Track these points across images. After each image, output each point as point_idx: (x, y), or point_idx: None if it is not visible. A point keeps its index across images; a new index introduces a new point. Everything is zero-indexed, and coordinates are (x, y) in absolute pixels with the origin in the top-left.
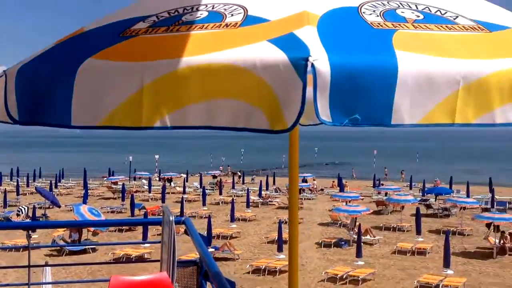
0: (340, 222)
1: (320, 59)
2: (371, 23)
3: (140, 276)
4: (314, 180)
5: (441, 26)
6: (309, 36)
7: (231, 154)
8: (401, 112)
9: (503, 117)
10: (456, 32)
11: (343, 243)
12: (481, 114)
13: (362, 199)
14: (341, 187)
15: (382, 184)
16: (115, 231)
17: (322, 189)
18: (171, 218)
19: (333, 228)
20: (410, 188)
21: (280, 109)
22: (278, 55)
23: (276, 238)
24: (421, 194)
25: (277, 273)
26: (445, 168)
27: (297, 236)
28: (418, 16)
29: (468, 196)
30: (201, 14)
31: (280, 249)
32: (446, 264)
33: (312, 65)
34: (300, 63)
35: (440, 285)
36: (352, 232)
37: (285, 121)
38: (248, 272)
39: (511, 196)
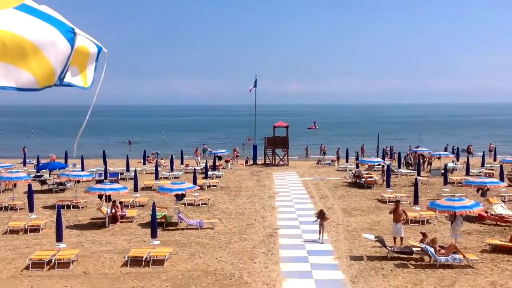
0: None
1: None
2: None
3: None
4: None
5: None
6: None
7: None
8: None
9: None
10: None
11: None
12: None
13: None
14: None
15: None
16: None
17: None
18: None
19: None
20: (24, 165)
21: None
22: None
23: None
24: (35, 170)
25: None
26: (61, 143)
27: None
28: None
29: (83, 169)
30: None
31: None
32: (59, 238)
33: None
34: None
35: (53, 260)
36: None
37: None
38: None
39: (123, 168)
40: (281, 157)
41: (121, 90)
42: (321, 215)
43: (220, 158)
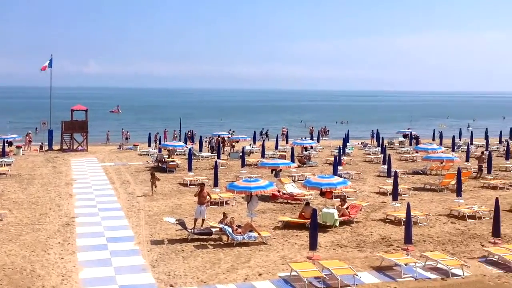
0: None
1: None
2: None
3: None
4: None
5: None
6: None
7: None
8: None
9: None
10: None
11: None
12: None
13: None
14: None
15: None
16: None
17: None
18: None
19: None
20: None
21: None
22: None
23: None
24: None
25: None
26: None
27: None
28: None
29: None
30: None
31: None
32: None
33: None
34: None
35: None
36: None
37: None
38: None
39: None
40: (80, 142)
41: None
42: (152, 176)
43: (10, 144)
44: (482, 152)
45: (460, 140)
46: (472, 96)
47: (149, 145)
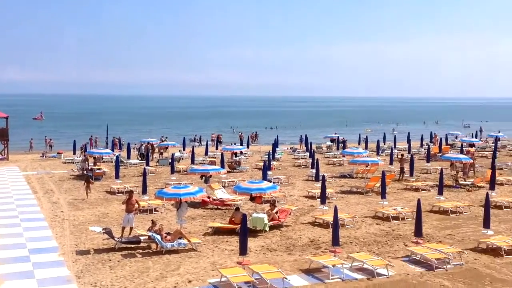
0: None
1: None
2: None
3: None
4: None
5: None
6: None
7: None
8: None
9: None
10: None
11: None
12: None
13: None
14: None
15: None
16: None
17: None
18: None
19: None
20: None
21: None
22: None
23: None
24: None
25: None
26: None
27: None
28: None
29: None
30: None
31: None
32: None
33: None
34: None
35: None
36: None
37: None
38: None
39: None
40: (0, 151)
41: None
42: (86, 180)
43: None
44: (402, 155)
45: (384, 144)
46: (395, 102)
47: (74, 153)
